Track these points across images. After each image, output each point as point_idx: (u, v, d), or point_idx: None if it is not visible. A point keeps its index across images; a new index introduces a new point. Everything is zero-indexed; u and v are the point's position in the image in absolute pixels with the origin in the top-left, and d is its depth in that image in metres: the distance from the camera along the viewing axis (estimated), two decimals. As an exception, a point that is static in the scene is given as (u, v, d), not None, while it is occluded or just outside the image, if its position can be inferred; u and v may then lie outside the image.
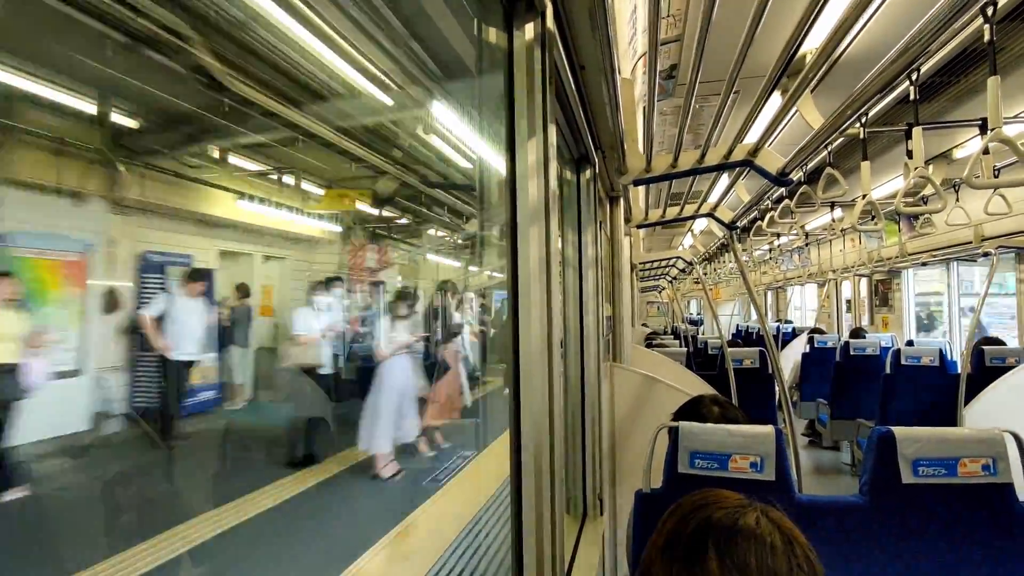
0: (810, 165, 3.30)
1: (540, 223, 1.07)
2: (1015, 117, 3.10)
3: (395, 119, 5.67)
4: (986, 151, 2.56)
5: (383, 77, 4.16)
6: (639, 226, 3.28)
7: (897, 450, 1.67)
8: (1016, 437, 1.64)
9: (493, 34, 1.10)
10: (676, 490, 1.77)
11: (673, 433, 1.80)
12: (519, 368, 1.07)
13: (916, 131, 2.04)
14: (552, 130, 1.10)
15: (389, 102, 4.75)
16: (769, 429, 1.75)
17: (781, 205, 3.69)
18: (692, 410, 1.92)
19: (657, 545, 0.81)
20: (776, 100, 2.11)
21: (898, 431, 1.69)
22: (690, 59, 2.13)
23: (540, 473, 1.08)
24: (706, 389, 3.64)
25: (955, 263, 5.92)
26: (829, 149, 2.84)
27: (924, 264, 5.98)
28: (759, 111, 1.87)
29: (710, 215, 2.96)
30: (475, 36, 1.10)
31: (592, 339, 2.19)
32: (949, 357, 5.26)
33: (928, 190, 3.58)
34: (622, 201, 2.95)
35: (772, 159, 2.02)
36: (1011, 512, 1.61)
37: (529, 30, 1.07)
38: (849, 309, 8.54)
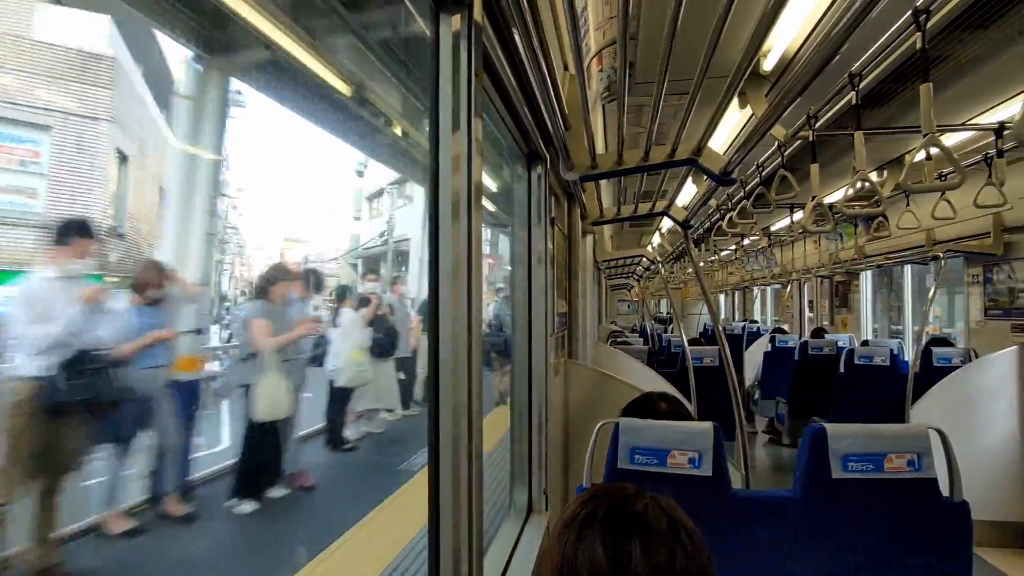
0: (767, 168, 3.36)
1: (463, 217, 1.07)
2: (962, 125, 3.19)
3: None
4: (928, 157, 2.64)
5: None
6: (595, 223, 3.31)
7: (828, 445, 1.71)
8: (941, 434, 1.69)
9: (420, 26, 1.09)
10: None
11: (615, 429, 1.82)
12: (439, 370, 1.07)
13: (858, 136, 2.08)
14: (477, 124, 1.09)
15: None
16: (707, 425, 1.78)
17: (739, 206, 3.74)
18: (641, 406, 1.94)
19: (555, 530, 0.82)
20: (726, 101, 2.14)
21: (830, 427, 1.73)
22: (643, 58, 2.15)
23: (458, 480, 1.07)
24: (664, 388, 3.68)
25: (908, 266, 6.09)
26: (783, 152, 2.89)
27: (880, 267, 6.14)
28: (712, 111, 1.89)
29: (664, 213, 2.99)
30: (402, 28, 1.09)
31: (540, 336, 2.19)
32: (902, 357, 5.41)
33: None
34: (579, 198, 2.96)
35: (716, 159, 2.05)
36: (934, 506, 1.66)
37: (456, 22, 1.07)
38: (811, 309, 8.72)
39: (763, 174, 3.37)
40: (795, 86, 2.00)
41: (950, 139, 3.44)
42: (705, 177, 3.30)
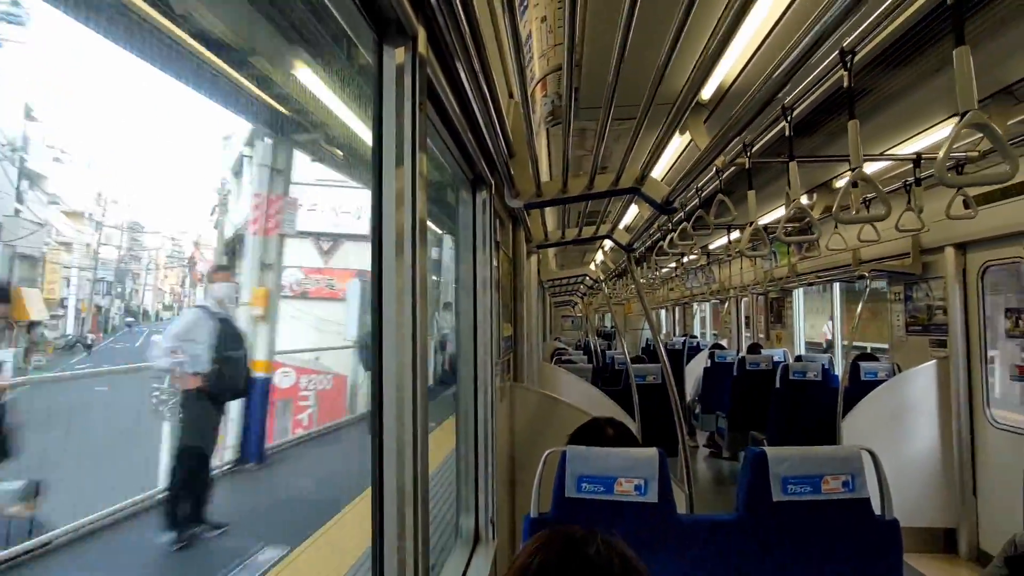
0: (706, 192, 3.46)
1: (407, 252, 1.04)
2: (880, 155, 3.39)
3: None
4: (854, 184, 2.78)
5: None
6: (540, 246, 3.32)
7: (769, 469, 1.75)
8: (872, 454, 1.76)
9: (361, 58, 1.07)
10: (564, 514, 1.78)
11: (562, 457, 1.80)
12: (382, 406, 1.03)
13: (792, 166, 2.17)
14: (422, 157, 1.07)
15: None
16: (652, 452, 1.79)
17: (680, 227, 3.84)
18: (589, 433, 1.93)
19: (523, 567, 0.80)
20: (670, 131, 2.19)
21: (770, 451, 1.77)
22: (587, 85, 2.17)
23: (403, 514, 1.03)
24: (609, 406, 3.71)
25: (837, 284, 6.40)
26: (720, 177, 2.99)
27: (811, 284, 6.42)
28: (653, 138, 1.93)
29: (608, 237, 3.03)
30: (344, 61, 1.06)
31: (486, 361, 2.17)
32: (832, 371, 5.66)
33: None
34: (523, 221, 2.97)
35: (658, 188, 2.09)
36: (868, 526, 1.72)
37: (400, 54, 1.04)
38: (748, 325, 9.02)
39: (702, 197, 3.47)
40: (732, 115, 2.07)
41: (873, 167, 3.65)
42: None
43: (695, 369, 7.56)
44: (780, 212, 5.00)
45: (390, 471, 1.03)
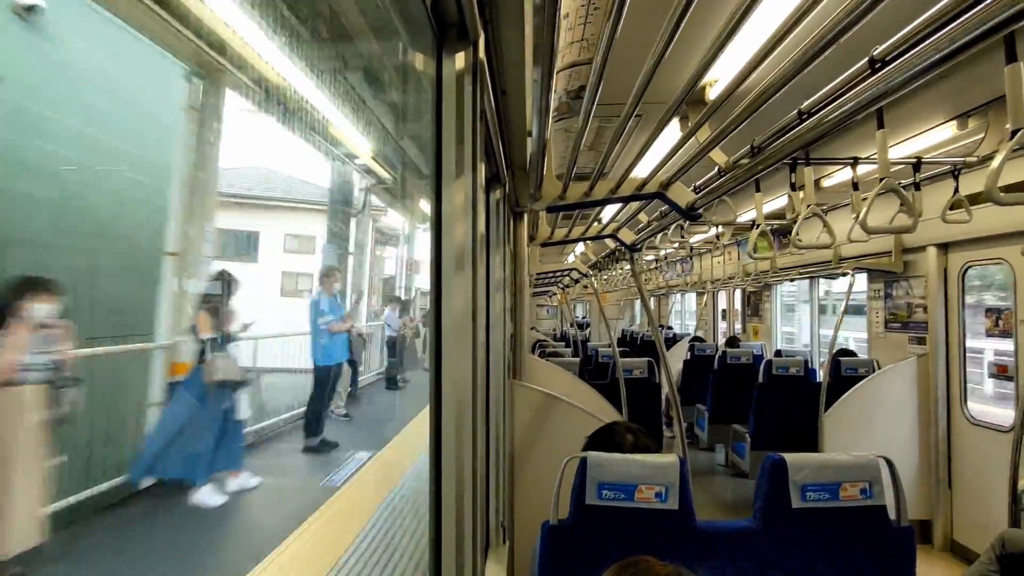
0: (704, 190, 3.45)
1: (467, 265, 0.99)
2: (866, 159, 3.42)
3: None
4: (856, 187, 2.79)
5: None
6: (544, 244, 3.28)
7: (788, 476, 1.76)
8: (888, 462, 1.78)
9: (421, 62, 1.01)
10: (584, 521, 1.76)
11: (581, 463, 1.78)
12: (441, 405, 1.01)
13: (808, 171, 2.17)
14: (482, 168, 1.02)
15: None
16: (673, 459, 1.78)
17: (674, 225, 3.84)
18: (606, 438, 1.91)
19: None
20: (683, 129, 2.17)
21: (789, 458, 1.77)
22: (600, 86, 2.12)
23: (462, 503, 1.02)
24: (602, 404, 3.71)
25: (818, 279, 6.52)
26: (722, 176, 2.98)
27: (792, 280, 6.52)
28: (650, 136, 1.90)
29: (613, 236, 3.01)
30: (401, 67, 1.00)
31: (498, 361, 2.13)
32: (811, 366, 5.77)
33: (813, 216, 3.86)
34: (526, 218, 2.92)
35: (682, 193, 2.07)
36: (885, 531, 1.74)
37: (460, 60, 0.99)
38: (724, 318, 9.15)
39: (699, 195, 3.47)
40: (743, 116, 2.06)
41: (861, 169, 3.69)
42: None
43: (672, 360, 7.64)
44: (766, 207, 5.05)
45: (449, 461, 1.02)
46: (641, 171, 2.20)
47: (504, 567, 1.99)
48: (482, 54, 1.01)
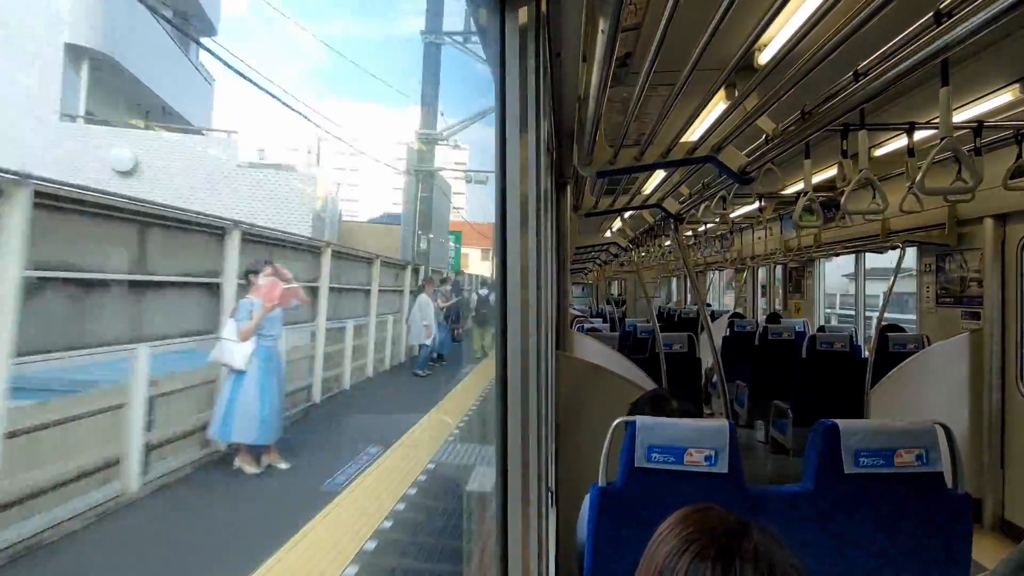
0: (751, 159, 3.38)
1: (531, 219, 1.01)
2: (924, 123, 3.29)
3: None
4: (911, 153, 2.71)
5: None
6: (588, 215, 3.27)
7: (841, 441, 1.75)
8: (945, 428, 1.75)
9: (484, 17, 1.02)
10: (633, 484, 1.78)
11: (630, 427, 1.80)
12: (506, 358, 1.04)
13: (861, 135, 2.11)
14: (544, 126, 1.03)
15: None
16: (723, 423, 1.79)
17: (717, 196, 3.78)
18: (651, 404, 1.93)
19: (670, 549, 0.78)
20: (732, 95, 2.12)
21: (842, 423, 1.76)
22: (643, 49, 2.09)
23: (527, 458, 1.06)
24: (643, 377, 3.71)
25: (864, 254, 6.34)
26: (770, 144, 2.92)
27: (837, 254, 6.36)
28: (700, 103, 1.88)
29: (659, 206, 2.98)
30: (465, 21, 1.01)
31: (544, 327, 2.15)
32: (856, 342, 5.65)
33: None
34: (569, 188, 2.92)
35: (734, 157, 2.04)
36: (941, 499, 1.72)
37: (523, 14, 0.99)
38: (764, 294, 8.99)
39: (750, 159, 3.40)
40: (794, 80, 2.01)
41: (918, 135, 3.56)
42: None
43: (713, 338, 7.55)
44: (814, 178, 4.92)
45: (514, 418, 1.05)
46: (690, 138, 2.17)
47: (552, 529, 2.03)
48: (544, 7, 1.01)
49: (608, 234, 9.00)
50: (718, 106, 2.24)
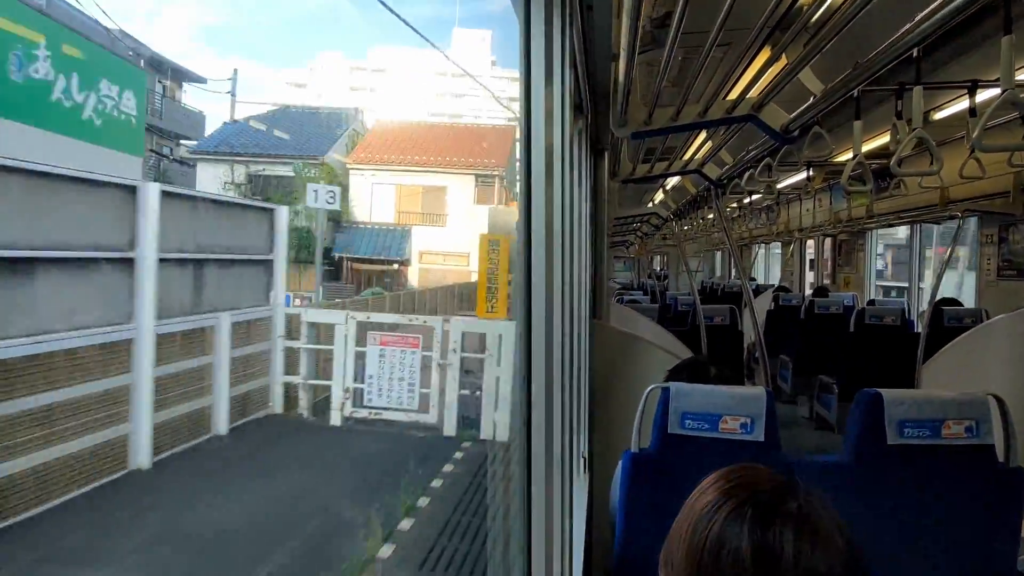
0: (796, 123, 3.24)
1: (556, 171, 0.99)
2: (986, 82, 3.07)
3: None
4: (973, 113, 2.54)
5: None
6: (625, 181, 3.21)
7: (884, 411, 1.68)
8: (999, 400, 1.67)
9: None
10: (667, 450, 1.76)
11: (664, 393, 1.78)
12: (531, 322, 1.03)
13: (917, 91, 1.99)
14: (569, 74, 1.00)
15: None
16: (760, 391, 1.74)
17: (762, 163, 3.65)
18: (688, 371, 1.90)
19: (709, 502, 0.76)
20: (774, 54, 2.03)
21: (885, 393, 1.69)
22: (686, 9, 2.02)
23: (551, 422, 1.06)
24: (682, 347, 3.66)
25: (919, 225, 6.06)
26: (819, 106, 2.78)
27: (890, 225, 6.10)
28: (748, 62, 1.79)
29: (698, 171, 2.90)
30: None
31: (579, 295, 2.14)
32: (908, 316, 5.43)
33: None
34: (607, 155, 2.86)
35: (776, 115, 1.96)
36: (991, 473, 1.65)
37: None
38: (812, 267, 8.72)
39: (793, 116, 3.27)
40: (845, 37, 1.89)
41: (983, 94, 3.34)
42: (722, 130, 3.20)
43: (756, 311, 7.38)
44: (865, 145, 4.69)
45: (538, 374, 1.05)
46: (729, 98, 2.09)
47: (585, 495, 2.04)
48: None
49: (650, 205, 8.84)
50: (759, 63, 2.14)
